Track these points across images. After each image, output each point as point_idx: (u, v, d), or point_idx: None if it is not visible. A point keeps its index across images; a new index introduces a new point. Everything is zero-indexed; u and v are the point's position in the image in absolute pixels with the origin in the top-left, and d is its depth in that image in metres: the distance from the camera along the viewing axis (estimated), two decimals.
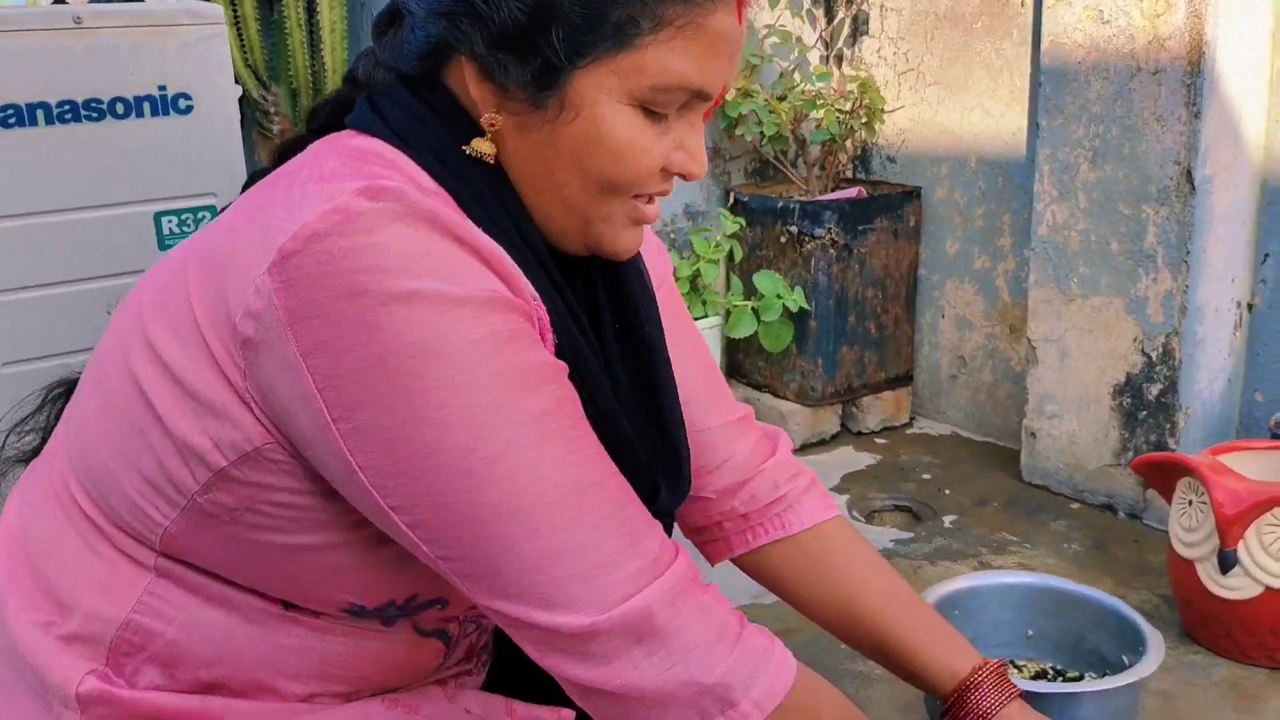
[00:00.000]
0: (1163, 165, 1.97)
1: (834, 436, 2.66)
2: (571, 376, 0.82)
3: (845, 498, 2.32)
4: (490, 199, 0.82)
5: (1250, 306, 2.11)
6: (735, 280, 2.68)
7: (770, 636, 0.84)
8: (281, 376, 0.73)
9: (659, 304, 1.00)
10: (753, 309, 2.55)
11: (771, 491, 1.11)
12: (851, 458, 2.55)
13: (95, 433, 0.83)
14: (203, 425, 0.76)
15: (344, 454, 0.73)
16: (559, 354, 0.82)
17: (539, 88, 0.78)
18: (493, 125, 0.81)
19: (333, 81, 2.73)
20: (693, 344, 1.09)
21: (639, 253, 0.95)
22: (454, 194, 0.81)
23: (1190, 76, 1.90)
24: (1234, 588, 1.60)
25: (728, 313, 2.60)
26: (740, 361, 2.78)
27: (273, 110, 2.74)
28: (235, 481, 0.77)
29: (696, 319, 2.56)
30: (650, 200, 0.86)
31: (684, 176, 0.85)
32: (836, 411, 2.66)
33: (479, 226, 0.78)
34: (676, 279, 2.56)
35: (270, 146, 2.80)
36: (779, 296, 2.52)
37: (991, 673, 1.04)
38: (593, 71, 0.78)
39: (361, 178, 0.75)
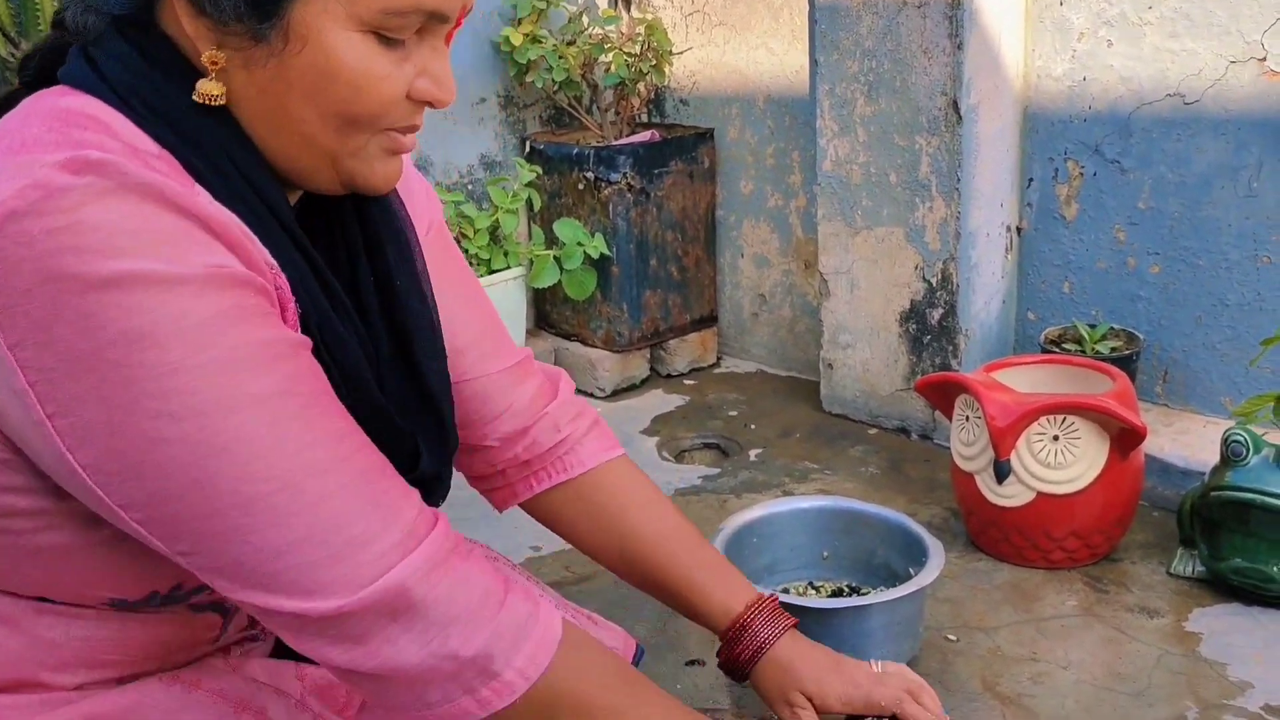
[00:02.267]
0: (931, 96, 2.04)
1: (644, 381, 2.68)
2: (318, 346, 0.78)
3: (655, 439, 2.34)
4: (221, 155, 0.76)
5: (1019, 230, 2.22)
6: (536, 229, 2.66)
7: (535, 601, 0.82)
8: None
9: (426, 250, 0.96)
10: (555, 258, 2.54)
11: (553, 435, 1.09)
12: (662, 400, 2.58)
13: None
14: None
15: (62, 452, 0.68)
16: (305, 323, 0.78)
17: (258, 19, 0.72)
18: (214, 64, 0.74)
19: None
20: (467, 289, 1.05)
21: (395, 196, 0.91)
22: (179, 155, 0.75)
23: (952, 9, 1.97)
24: (1009, 495, 1.69)
25: (530, 262, 2.58)
26: (547, 311, 2.77)
27: None
28: None
29: (498, 270, 2.53)
30: (405, 130, 0.82)
31: (432, 104, 0.81)
32: (645, 356, 2.68)
33: (210, 190, 0.73)
34: (475, 231, 2.53)
35: None
36: (580, 244, 2.52)
37: (765, 607, 1.05)
38: None
39: (66, 147, 0.68)
